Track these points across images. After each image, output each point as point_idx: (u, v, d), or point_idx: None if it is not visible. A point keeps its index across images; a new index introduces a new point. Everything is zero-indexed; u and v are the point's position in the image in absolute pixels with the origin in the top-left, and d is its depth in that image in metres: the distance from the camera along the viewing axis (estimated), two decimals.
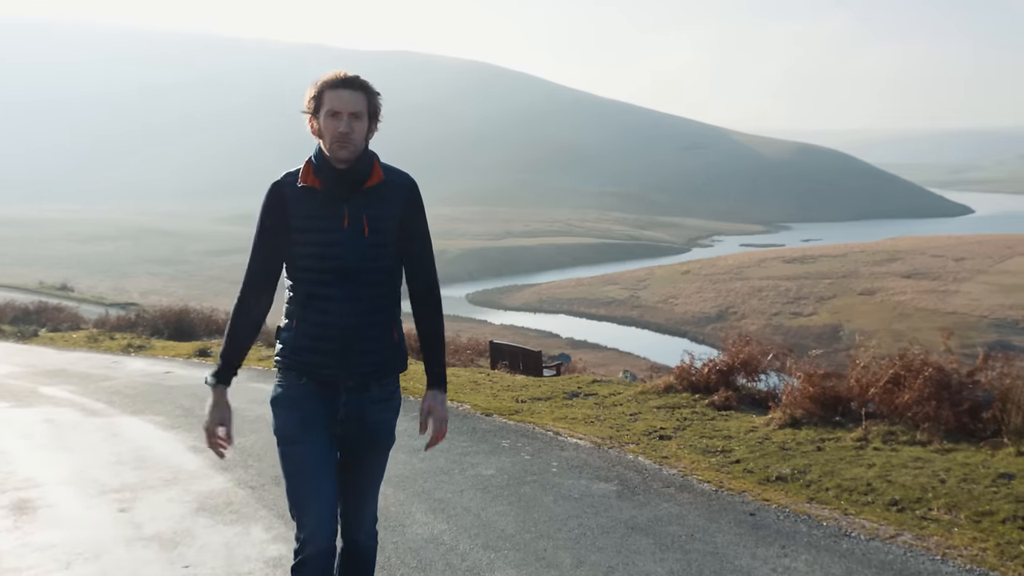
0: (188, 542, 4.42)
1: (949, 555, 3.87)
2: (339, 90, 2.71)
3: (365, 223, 2.73)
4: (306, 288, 2.75)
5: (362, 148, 2.76)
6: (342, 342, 2.73)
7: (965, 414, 5.93)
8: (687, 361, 8.12)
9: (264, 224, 2.79)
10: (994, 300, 59.61)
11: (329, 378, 2.75)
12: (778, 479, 5.20)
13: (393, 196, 2.81)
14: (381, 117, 2.83)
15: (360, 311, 2.74)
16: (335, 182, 2.73)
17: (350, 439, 2.82)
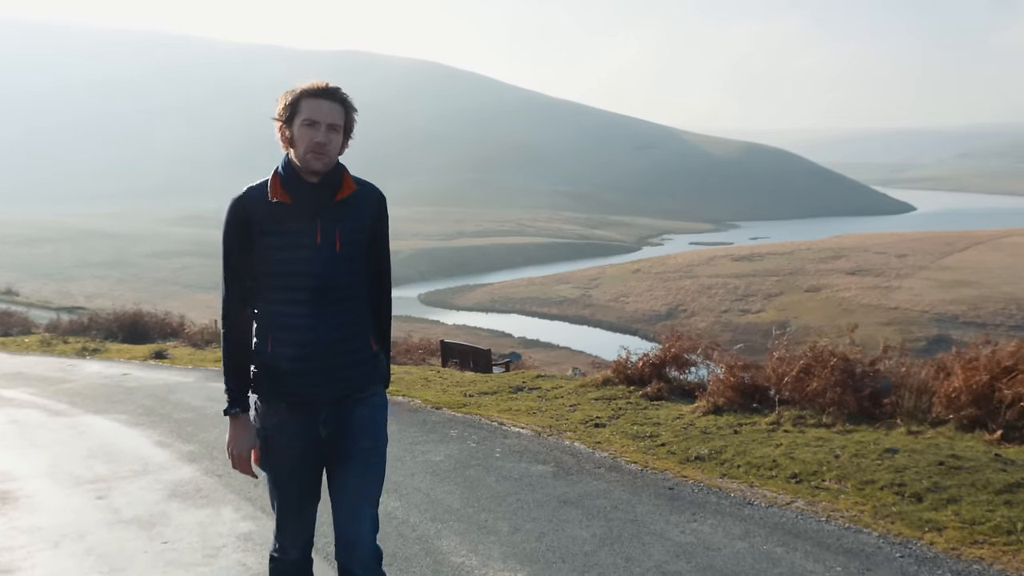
0: (164, 523, 4.89)
1: (833, 517, 4.51)
2: (319, 100, 2.66)
3: (337, 237, 2.69)
4: (279, 308, 2.70)
5: (335, 161, 2.72)
6: (323, 360, 2.70)
7: (866, 399, 6.61)
8: (624, 356, 8.74)
9: (232, 245, 2.72)
10: (935, 296, 61.37)
11: (312, 398, 2.72)
12: (697, 459, 5.82)
13: (363, 208, 2.77)
14: (353, 135, 2.79)
15: (337, 326, 2.71)
16: (306, 196, 2.67)
17: (336, 446, 2.79)
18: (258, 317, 2.76)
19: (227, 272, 2.75)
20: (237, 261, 2.72)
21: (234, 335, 2.76)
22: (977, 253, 75.12)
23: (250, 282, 2.72)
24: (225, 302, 2.76)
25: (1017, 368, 5.84)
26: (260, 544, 4.42)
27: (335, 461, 2.81)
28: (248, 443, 2.77)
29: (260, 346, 2.74)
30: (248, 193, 2.72)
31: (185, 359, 14.64)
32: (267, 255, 2.67)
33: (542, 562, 4.02)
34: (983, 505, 4.39)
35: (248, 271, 2.71)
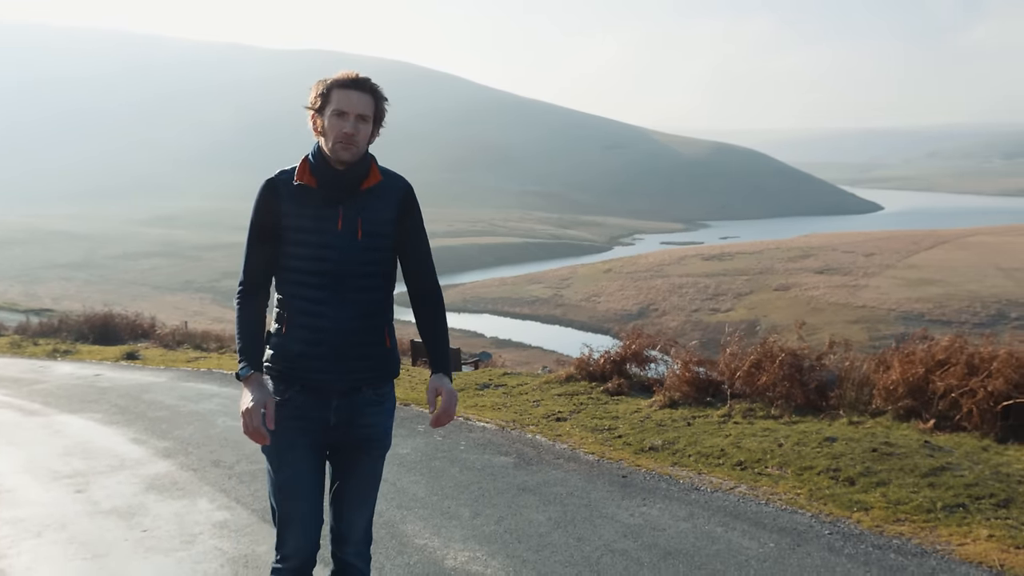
0: (143, 513, 5.13)
1: (772, 500, 4.85)
2: (348, 91, 2.70)
3: (359, 226, 2.72)
4: (297, 291, 2.74)
5: (364, 151, 2.75)
6: (335, 347, 2.72)
7: (813, 392, 6.99)
8: (586, 354, 9.06)
9: (257, 223, 2.77)
10: (901, 294, 62.28)
11: (321, 384, 2.74)
12: (651, 449, 6.14)
13: (388, 199, 2.79)
14: (384, 123, 2.82)
15: (353, 316, 2.73)
16: (331, 182, 2.72)
17: (342, 444, 2.82)
18: (278, 301, 2.81)
19: (249, 251, 2.79)
20: (260, 239, 2.76)
21: (248, 311, 2.78)
22: (943, 252, 76.26)
23: (270, 263, 2.77)
24: (243, 280, 2.80)
25: (950, 362, 6.23)
26: (235, 531, 4.68)
27: (342, 462, 2.85)
28: (261, 396, 2.67)
29: (277, 328, 2.79)
30: (280, 175, 2.78)
31: (157, 360, 14.78)
32: (289, 237, 2.72)
33: (499, 543, 4.32)
34: (909, 487, 4.75)
35: (270, 252, 2.75)
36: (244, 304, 2.79)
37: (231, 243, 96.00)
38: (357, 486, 2.86)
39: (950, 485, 4.70)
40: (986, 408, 5.73)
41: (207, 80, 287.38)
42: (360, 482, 2.86)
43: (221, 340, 18.27)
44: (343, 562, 2.89)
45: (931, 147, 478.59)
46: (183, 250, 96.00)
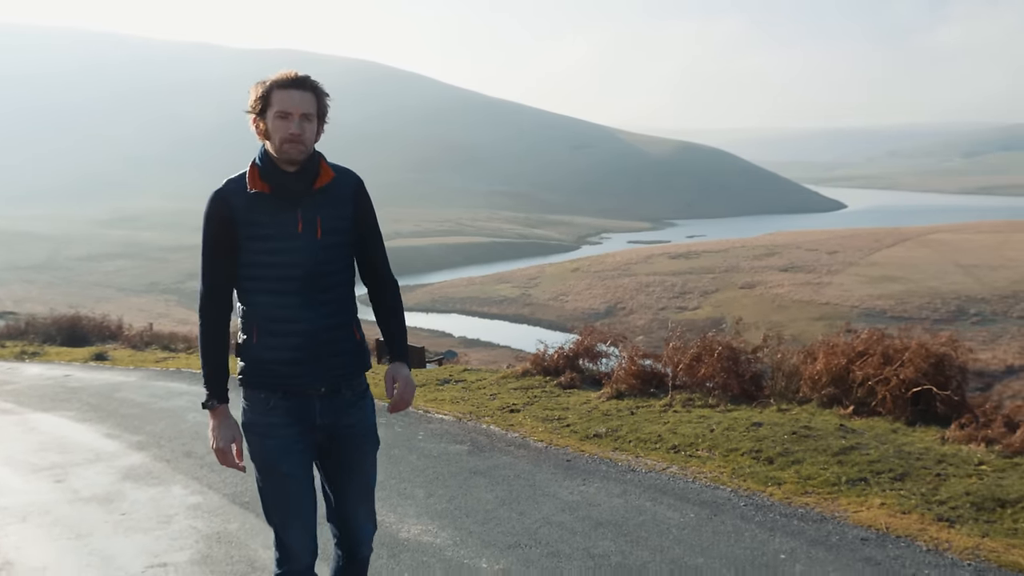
0: (121, 499, 5.52)
1: (698, 478, 5.35)
2: (289, 91, 2.67)
3: (319, 225, 2.72)
4: (264, 299, 2.73)
5: (311, 149, 2.74)
6: (311, 349, 2.72)
7: (748, 382, 7.53)
8: (541, 350, 9.54)
9: (211, 238, 2.73)
10: (863, 291, 63.43)
11: (301, 387, 2.75)
12: (595, 436, 6.63)
13: (342, 195, 2.80)
14: (328, 119, 2.81)
15: (323, 315, 2.74)
16: (285, 185, 2.69)
17: (331, 445, 2.84)
18: (242, 310, 2.80)
19: (206, 266, 2.76)
20: (217, 255, 2.73)
21: (212, 329, 2.78)
22: (904, 249, 77.66)
23: (230, 276, 2.75)
24: (203, 296, 2.78)
25: (868, 352, 6.79)
26: (208, 512, 5.10)
27: (336, 466, 2.86)
28: (230, 435, 2.75)
29: (246, 339, 2.77)
30: (227, 186, 2.73)
31: (126, 360, 15.03)
32: (249, 246, 2.69)
33: (449, 518, 4.78)
34: (819, 464, 5.28)
35: (229, 264, 2.72)
36: (209, 324, 2.79)
37: (196, 244, 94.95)
38: (358, 484, 2.89)
39: (856, 462, 5.23)
40: (898, 394, 6.29)
41: (168, 79, 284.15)
42: (360, 480, 2.89)
43: (188, 341, 18.53)
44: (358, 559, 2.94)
45: (893, 146, 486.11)
46: (147, 251, 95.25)
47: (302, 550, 2.81)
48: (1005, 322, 55.18)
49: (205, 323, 2.78)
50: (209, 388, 2.77)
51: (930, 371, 6.29)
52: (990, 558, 3.83)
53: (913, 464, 5.12)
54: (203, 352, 2.80)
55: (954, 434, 5.60)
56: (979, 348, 50.93)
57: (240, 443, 2.76)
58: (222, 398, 2.77)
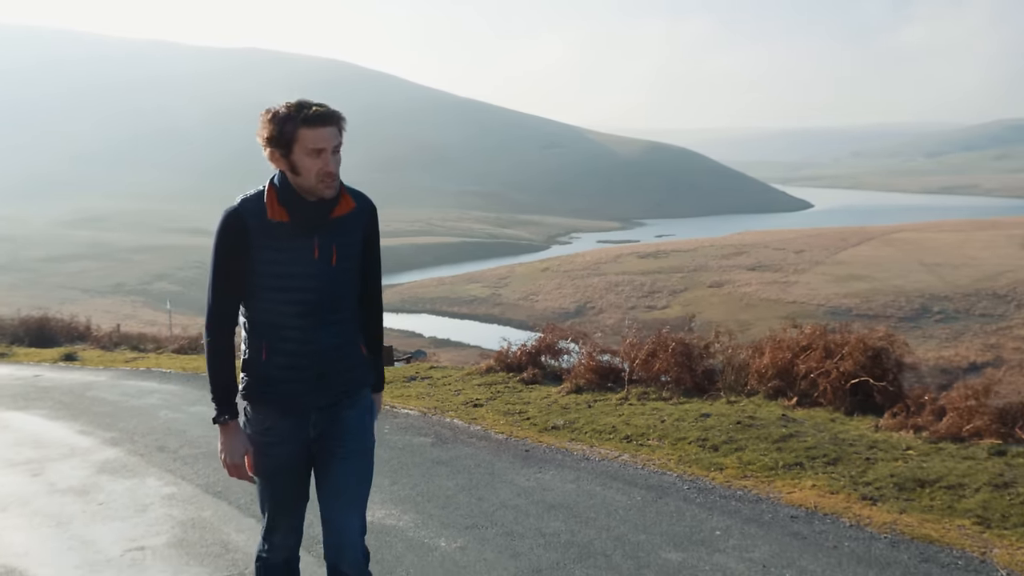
0: (97, 490, 5.76)
1: (647, 465, 5.70)
2: (319, 128, 2.64)
3: (334, 252, 2.74)
4: (276, 319, 2.75)
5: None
6: (318, 368, 2.77)
7: (700, 376, 7.89)
8: (505, 347, 9.85)
9: (224, 257, 2.73)
10: (830, 289, 64.21)
11: (304, 404, 2.81)
12: (553, 428, 6.96)
13: (357, 223, 2.83)
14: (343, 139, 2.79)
15: (333, 335, 2.79)
16: (304, 213, 2.70)
17: (324, 446, 2.86)
18: (250, 327, 2.81)
19: (215, 282, 2.76)
20: (228, 273, 2.73)
21: (220, 346, 2.79)
22: (869, 248, 78.67)
23: (239, 294, 2.76)
24: (211, 312, 2.79)
25: (811, 347, 7.18)
26: (182, 501, 5.36)
27: (324, 463, 2.87)
28: (241, 449, 2.80)
29: (253, 355, 2.81)
30: (243, 205, 2.72)
31: (96, 360, 15.13)
32: (263, 268, 2.70)
33: (412, 503, 5.09)
34: (760, 451, 5.65)
35: (239, 283, 2.74)
36: (217, 340, 2.79)
37: (161, 245, 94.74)
38: (346, 489, 2.86)
39: (794, 449, 5.60)
40: (838, 386, 6.68)
41: (127, 77, 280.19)
42: (348, 485, 2.85)
43: (158, 341, 18.62)
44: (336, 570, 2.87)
45: (858, 146, 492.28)
46: (112, 252, 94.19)
47: (282, 545, 2.95)
48: (967, 320, 56.09)
49: (213, 340, 2.79)
50: (219, 404, 2.78)
51: (868, 364, 6.68)
52: (905, 531, 4.20)
53: (846, 450, 5.50)
54: (212, 368, 2.80)
55: (887, 422, 5.99)
56: (942, 345, 51.91)
57: (251, 455, 2.82)
58: (232, 413, 2.79)
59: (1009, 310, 56.12)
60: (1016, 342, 51.01)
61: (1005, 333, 52.59)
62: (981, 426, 5.53)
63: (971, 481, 4.68)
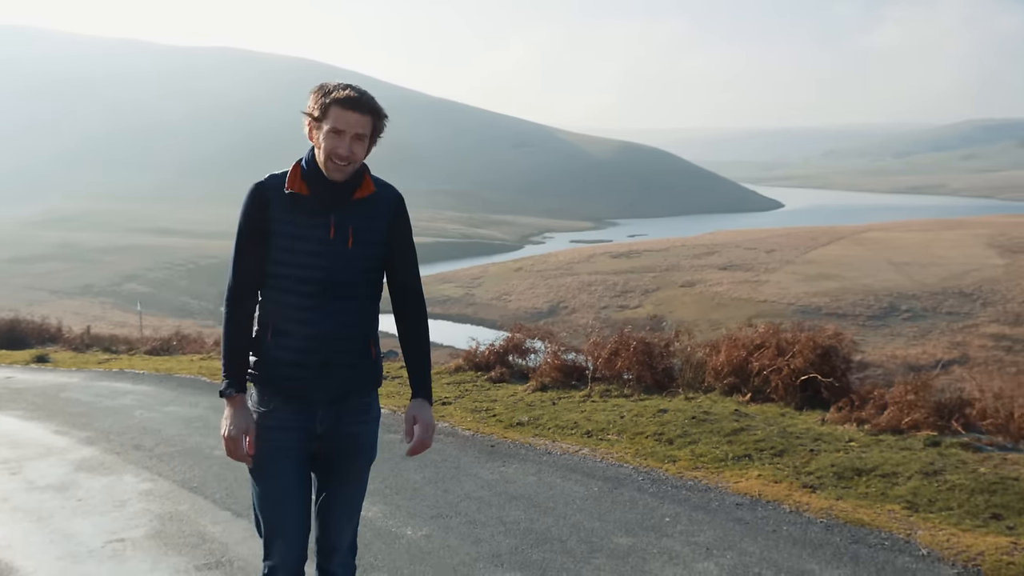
0: (75, 487, 5.95)
1: (606, 458, 5.99)
2: (347, 111, 2.66)
3: (350, 234, 2.72)
4: (285, 298, 2.74)
5: (357, 166, 2.73)
6: (321, 356, 2.72)
7: (660, 374, 8.21)
8: (473, 347, 10.12)
9: (246, 228, 2.74)
10: (800, 288, 64.89)
11: (306, 392, 2.75)
12: (518, 424, 7.23)
13: (380, 209, 2.80)
14: (382, 135, 2.80)
15: (340, 324, 2.73)
16: (323, 190, 2.71)
17: (328, 453, 2.82)
18: (262, 306, 2.80)
19: (237, 257, 2.76)
20: (249, 247, 2.73)
21: (237, 319, 2.77)
22: (839, 248, 79.55)
23: (260, 268, 2.74)
24: (231, 286, 2.77)
25: (765, 345, 7.51)
26: (159, 497, 5.57)
27: (329, 472, 2.85)
28: (243, 424, 2.73)
29: (260, 335, 2.78)
30: (269, 180, 2.76)
31: (68, 362, 15.20)
32: (279, 243, 2.70)
33: (380, 495, 5.34)
34: (712, 444, 5.96)
35: (260, 256, 2.73)
36: (234, 311, 2.78)
37: (130, 245, 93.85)
38: (345, 496, 2.87)
39: (744, 442, 5.92)
40: (789, 382, 7.02)
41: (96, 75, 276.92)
42: (348, 492, 2.87)
43: (130, 343, 18.66)
44: (329, 573, 2.91)
45: (828, 146, 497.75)
46: (80, 253, 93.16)
47: (284, 558, 2.80)
48: (935, 318, 56.87)
49: (231, 312, 2.77)
50: (228, 375, 2.75)
51: (817, 361, 7.02)
52: (840, 516, 4.52)
53: (792, 442, 5.82)
54: (226, 339, 2.77)
55: (832, 416, 6.33)
56: (910, 343, 52.70)
57: (252, 435, 2.74)
58: (240, 387, 2.75)
59: (975, 308, 56.94)
60: (982, 340, 51.92)
61: (971, 331, 53.50)
62: (919, 419, 5.88)
63: (904, 469, 5.01)
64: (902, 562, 3.92)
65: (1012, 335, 51.76)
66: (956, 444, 5.45)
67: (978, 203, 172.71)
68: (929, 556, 3.96)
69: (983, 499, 4.47)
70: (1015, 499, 4.41)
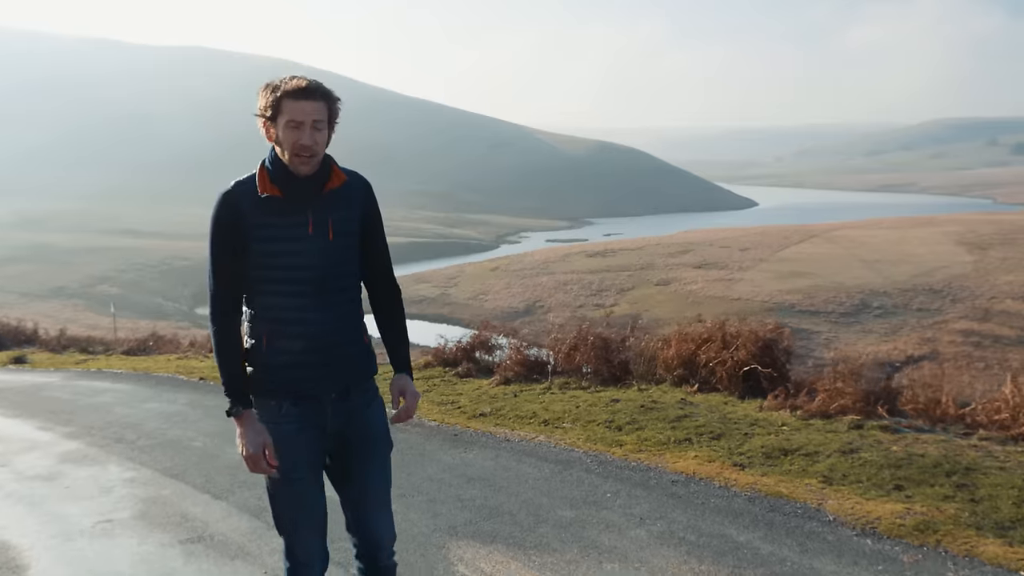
0: (63, 477, 6.34)
1: (559, 444, 6.47)
2: (300, 101, 2.64)
3: (330, 227, 2.73)
4: (274, 301, 2.73)
5: (321, 157, 2.73)
6: (321, 352, 2.74)
7: (617, 367, 8.69)
8: (441, 344, 10.57)
9: (220, 240, 2.70)
10: (773, 286, 65.65)
11: (312, 392, 2.76)
12: (481, 415, 7.69)
13: (352, 198, 2.81)
14: (338, 120, 2.78)
15: (335, 317, 2.76)
16: (295, 188, 2.70)
17: (347, 448, 2.87)
18: (250, 315, 2.79)
19: (215, 271, 2.73)
20: (225, 258, 2.71)
21: (227, 335, 2.76)
22: (812, 245, 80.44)
23: (239, 279, 2.72)
24: (214, 303, 2.76)
25: (711, 339, 8.01)
26: (143, 483, 5.98)
27: (350, 465, 2.89)
28: (259, 439, 2.73)
29: (255, 344, 2.77)
30: (236, 188, 2.72)
31: (46, 363, 15.47)
32: (260, 248, 2.68)
33: None
34: (657, 430, 6.45)
35: (238, 268, 2.70)
36: (222, 330, 2.77)
37: (102, 247, 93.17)
38: (374, 487, 2.93)
39: (686, 427, 6.41)
40: (732, 373, 7.52)
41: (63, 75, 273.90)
42: (375, 482, 2.93)
43: (106, 343, 18.92)
44: (380, 567, 2.94)
45: (801, 145, 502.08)
46: (52, 255, 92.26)
47: (312, 556, 2.84)
48: (905, 314, 57.71)
49: (219, 330, 2.77)
50: (231, 395, 2.75)
51: (759, 353, 7.53)
52: (762, 490, 5.02)
53: (730, 427, 6.32)
54: (219, 359, 2.78)
55: (769, 403, 6.84)
56: (881, 340, 53.57)
57: (270, 447, 2.74)
58: (245, 403, 2.76)
59: (944, 304, 57.85)
60: (951, 335, 52.85)
61: (941, 327, 54.46)
62: (846, 404, 6.40)
63: (825, 449, 5.52)
64: (810, 527, 4.42)
65: (980, 331, 52.67)
66: (877, 427, 5.97)
67: (948, 201, 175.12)
68: (834, 521, 4.47)
69: (889, 473, 4.98)
70: (916, 472, 4.94)
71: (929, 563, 3.85)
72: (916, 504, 4.50)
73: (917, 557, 3.91)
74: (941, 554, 3.92)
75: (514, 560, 4.25)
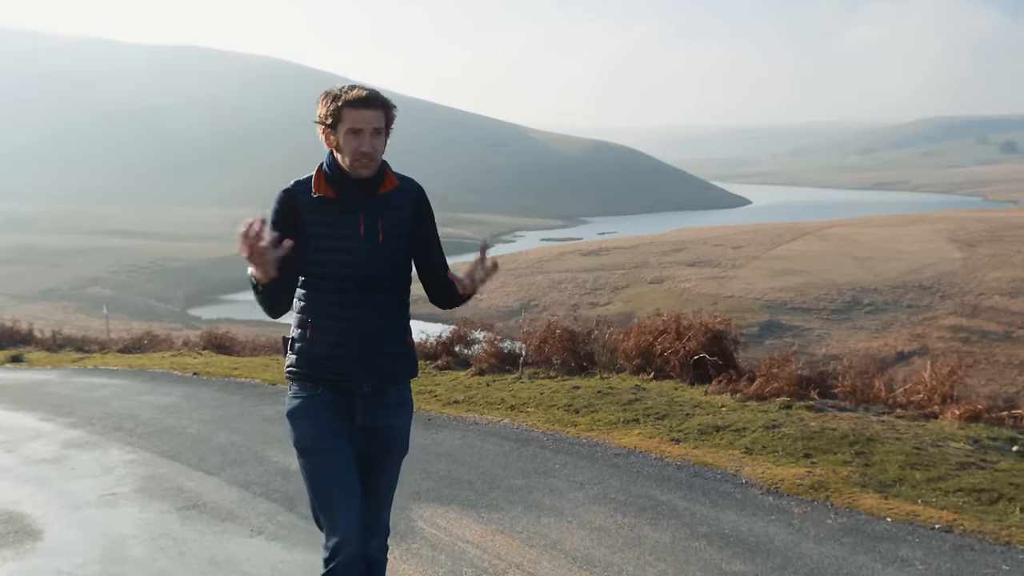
0: (68, 460, 6.96)
1: (522, 425, 7.11)
2: (360, 110, 2.76)
3: (380, 229, 2.84)
4: (322, 296, 2.84)
5: (380, 162, 2.85)
6: (361, 349, 2.84)
7: (583, 358, 9.34)
8: (423, 338, 11.20)
9: (280, 228, 2.75)
10: (766, 284, 66.14)
11: (346, 385, 2.87)
12: (454, 402, 8.33)
13: (405, 202, 2.93)
14: (394, 126, 2.91)
15: (377, 317, 2.85)
16: (349, 190, 2.82)
17: (366, 446, 2.96)
18: (302, 306, 2.91)
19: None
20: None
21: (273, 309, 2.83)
22: (804, 243, 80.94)
23: (294, 271, 2.79)
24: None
25: (666, 331, 8.66)
26: (143, 464, 6.61)
27: (371, 463, 3.00)
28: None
29: (300, 333, 2.90)
30: (295, 186, 2.87)
31: (43, 361, 16.05)
32: (312, 245, 2.79)
33: None
34: (610, 412, 7.09)
35: (291, 259, 2.72)
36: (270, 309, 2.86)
37: (92, 248, 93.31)
38: (379, 487, 3.03)
39: (636, 409, 7.06)
40: (684, 362, 8.17)
41: (55, 74, 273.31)
42: (382, 482, 3.04)
43: (101, 343, 19.50)
44: (368, 557, 2.95)
45: (796, 144, 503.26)
46: (41, 256, 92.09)
47: (351, 530, 2.81)
48: (896, 311, 58.25)
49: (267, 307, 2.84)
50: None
51: (708, 343, 8.18)
52: (691, 460, 5.68)
53: (675, 409, 6.97)
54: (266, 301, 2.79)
55: (713, 388, 7.50)
56: (872, 336, 54.09)
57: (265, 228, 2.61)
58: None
59: (934, 301, 58.40)
60: (941, 331, 53.45)
61: (931, 323, 55.08)
62: (780, 388, 7.06)
63: (752, 425, 6.17)
64: (724, 488, 5.08)
65: (969, 327, 53.25)
66: (803, 407, 6.62)
67: (939, 198, 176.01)
68: (747, 484, 5.12)
69: (802, 444, 5.63)
70: (824, 443, 5.59)
71: (815, 513, 4.51)
72: (817, 468, 5.16)
73: (806, 509, 4.57)
74: (827, 507, 4.58)
75: (466, 517, 4.89)
